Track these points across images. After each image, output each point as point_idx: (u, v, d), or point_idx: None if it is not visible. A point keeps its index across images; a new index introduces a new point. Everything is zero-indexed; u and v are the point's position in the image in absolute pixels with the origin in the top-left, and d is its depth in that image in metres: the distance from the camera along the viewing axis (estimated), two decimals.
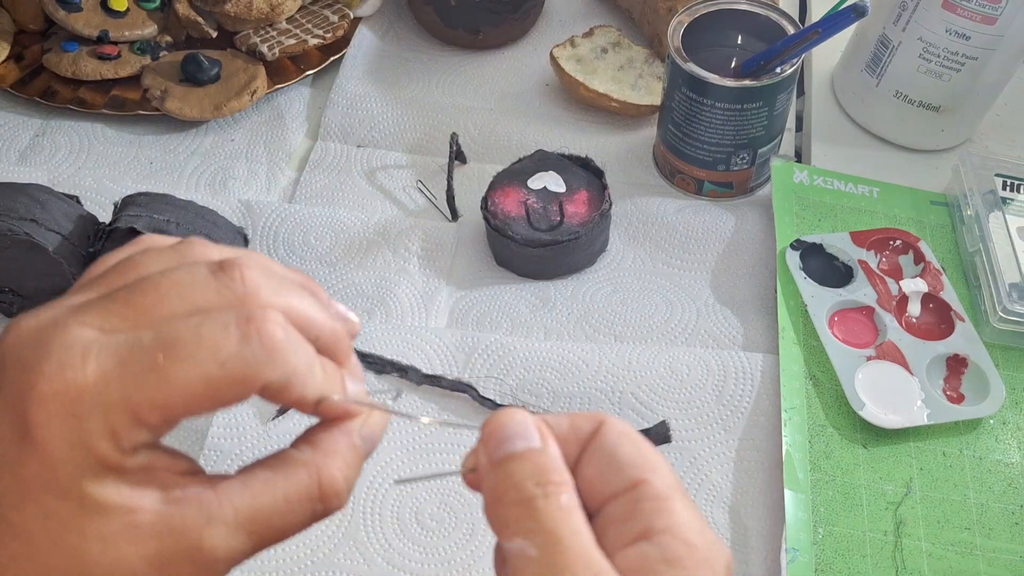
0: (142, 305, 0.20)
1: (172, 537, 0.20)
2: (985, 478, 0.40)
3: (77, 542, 0.19)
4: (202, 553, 0.20)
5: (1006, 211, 0.47)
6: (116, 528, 0.19)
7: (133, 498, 0.19)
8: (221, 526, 0.20)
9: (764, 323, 0.46)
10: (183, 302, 0.20)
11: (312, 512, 0.22)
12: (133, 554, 0.19)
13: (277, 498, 0.21)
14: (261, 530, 0.21)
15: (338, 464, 0.22)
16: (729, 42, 0.51)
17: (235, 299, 0.20)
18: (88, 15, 0.57)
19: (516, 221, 0.47)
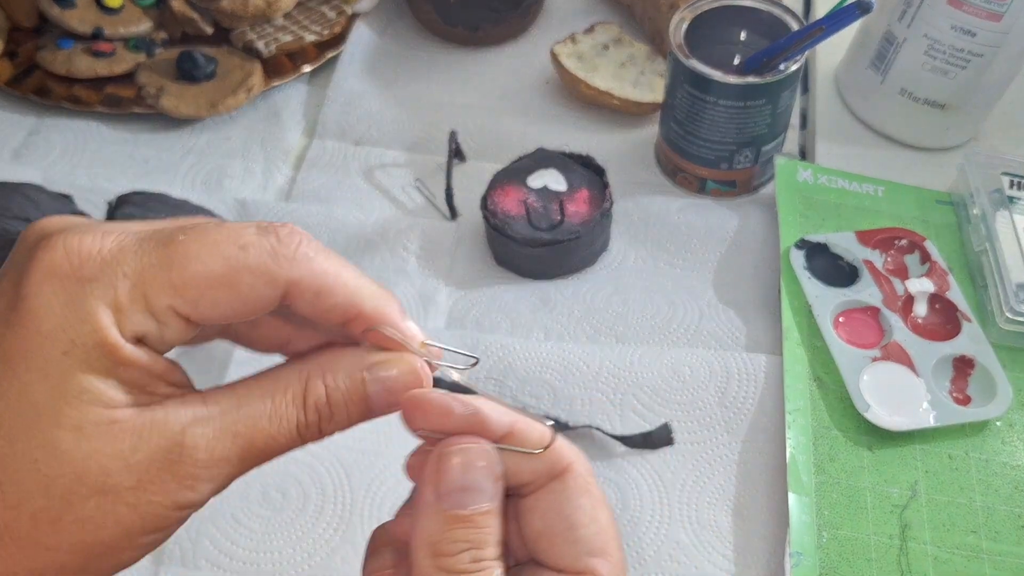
0: (182, 220, 0.19)
1: (152, 434, 0.18)
2: (992, 481, 0.40)
3: (50, 428, 0.17)
4: (183, 452, 0.18)
5: (1013, 210, 0.47)
6: (94, 420, 0.18)
7: (118, 392, 0.18)
8: (205, 427, 0.19)
9: (768, 323, 0.45)
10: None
11: (297, 424, 0.20)
12: (108, 450, 0.18)
13: (264, 402, 0.20)
14: (248, 434, 0.19)
15: (328, 380, 0.20)
16: (732, 39, 0.50)
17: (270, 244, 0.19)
18: (82, 12, 0.57)
19: (516, 220, 0.46)
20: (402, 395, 0.21)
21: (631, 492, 0.40)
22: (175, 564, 0.37)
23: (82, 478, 0.18)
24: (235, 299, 0.18)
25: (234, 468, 0.19)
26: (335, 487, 0.40)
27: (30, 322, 0.17)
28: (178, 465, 0.18)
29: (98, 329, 0.17)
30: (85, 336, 0.17)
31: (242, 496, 0.39)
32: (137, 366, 0.18)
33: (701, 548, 0.38)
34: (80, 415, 0.18)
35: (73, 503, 0.18)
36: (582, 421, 0.41)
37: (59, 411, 0.17)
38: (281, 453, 0.20)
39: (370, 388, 0.21)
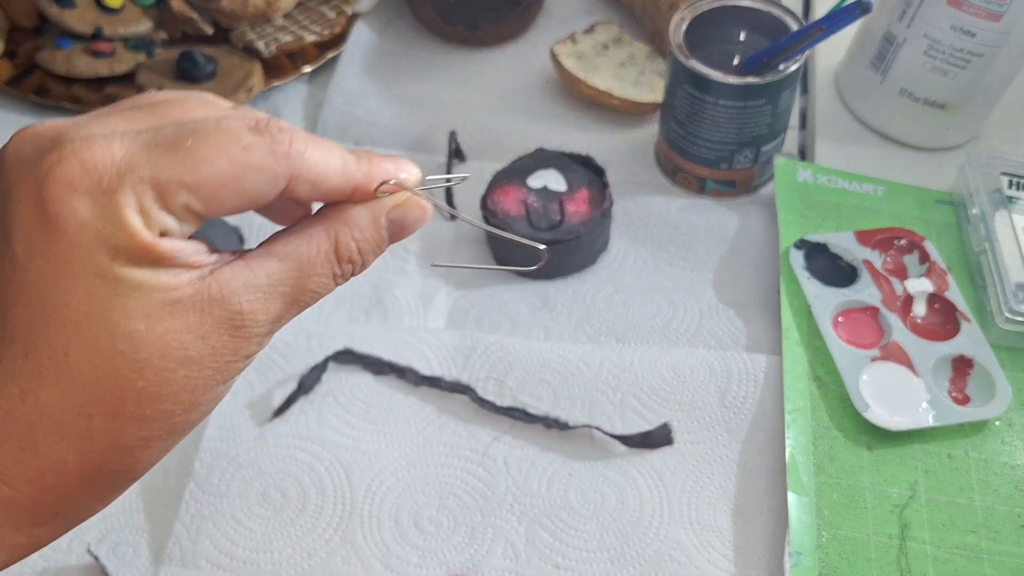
0: (167, 113, 0.21)
1: (213, 306, 0.20)
2: (991, 481, 0.40)
3: (122, 321, 0.19)
4: (244, 319, 0.21)
5: (1012, 210, 0.47)
6: (157, 304, 0.20)
7: (167, 276, 0.20)
8: (257, 291, 0.21)
9: (767, 324, 0.46)
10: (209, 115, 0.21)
11: (333, 274, 0.23)
12: (180, 326, 0.20)
13: (303, 262, 0.22)
14: (293, 293, 0.22)
15: (354, 233, 0.23)
16: (732, 39, 0.50)
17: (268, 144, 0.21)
18: (82, 11, 0.56)
19: (516, 220, 0.46)
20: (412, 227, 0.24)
21: (631, 492, 0.40)
22: (175, 564, 0.37)
23: (166, 355, 0.20)
24: (241, 195, 0.21)
25: (283, 319, 0.22)
26: (335, 487, 0.40)
27: (68, 238, 0.19)
28: (241, 328, 0.21)
29: (134, 234, 0.19)
30: (125, 241, 0.19)
31: (242, 496, 0.39)
32: (174, 256, 0.20)
33: (701, 548, 0.38)
34: (145, 303, 0.20)
35: (166, 377, 0.20)
36: (582, 421, 0.41)
37: (125, 305, 0.19)
38: (320, 298, 0.23)
39: (388, 230, 0.24)
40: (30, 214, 0.19)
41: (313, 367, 0.43)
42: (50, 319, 0.19)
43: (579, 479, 0.40)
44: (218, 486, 0.39)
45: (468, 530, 0.39)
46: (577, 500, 0.39)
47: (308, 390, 0.42)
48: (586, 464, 0.40)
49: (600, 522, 0.39)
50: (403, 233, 0.24)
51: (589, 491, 0.40)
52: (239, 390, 0.42)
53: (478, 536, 0.38)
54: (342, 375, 0.43)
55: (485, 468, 0.40)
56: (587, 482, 0.40)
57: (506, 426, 0.42)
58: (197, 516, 0.39)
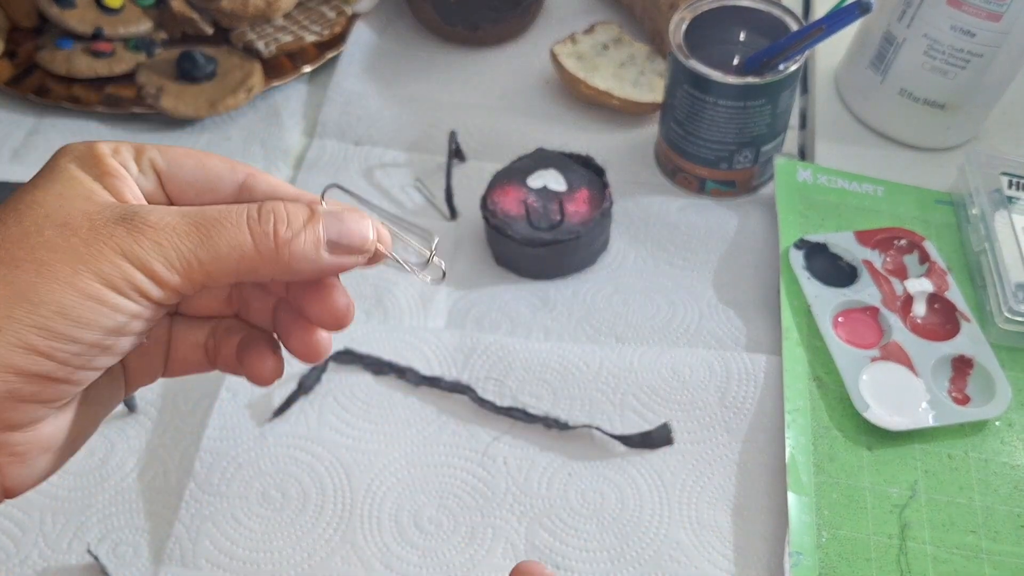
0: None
1: (116, 207, 0.22)
2: (991, 481, 0.40)
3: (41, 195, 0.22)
4: (136, 214, 0.22)
5: (1012, 210, 0.47)
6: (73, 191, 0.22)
7: (100, 189, 0.22)
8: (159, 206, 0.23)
9: (767, 324, 0.46)
10: None
11: (248, 220, 0.22)
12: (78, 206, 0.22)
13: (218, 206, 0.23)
14: (197, 216, 0.22)
15: (279, 203, 0.23)
16: (732, 39, 0.50)
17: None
18: (82, 12, 0.56)
19: (516, 220, 0.46)
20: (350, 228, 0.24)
21: (631, 492, 0.40)
22: (175, 564, 0.37)
23: (49, 215, 0.21)
24: (201, 169, 0.24)
25: (183, 242, 0.22)
26: (335, 487, 0.40)
27: (57, 156, 0.23)
28: (129, 221, 0.21)
29: (93, 146, 0.23)
30: (86, 152, 0.23)
31: (242, 496, 0.39)
32: (117, 175, 0.23)
33: (701, 548, 0.38)
34: (65, 188, 0.22)
35: (36, 230, 0.21)
36: (582, 421, 0.41)
37: (50, 187, 0.22)
38: (236, 252, 0.22)
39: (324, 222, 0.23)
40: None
41: (313, 367, 0.43)
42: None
43: (579, 479, 0.40)
44: (218, 486, 0.39)
45: (468, 530, 0.39)
46: (577, 500, 0.39)
47: (308, 390, 0.42)
48: (586, 464, 0.40)
49: (600, 522, 0.39)
50: (341, 228, 0.24)
51: (589, 491, 0.40)
52: (239, 390, 0.42)
53: (478, 536, 0.38)
54: (342, 375, 0.43)
55: (485, 468, 0.40)
56: (587, 482, 0.40)
57: (506, 426, 0.42)
58: (197, 516, 0.39)
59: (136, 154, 0.24)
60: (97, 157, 0.23)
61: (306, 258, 0.23)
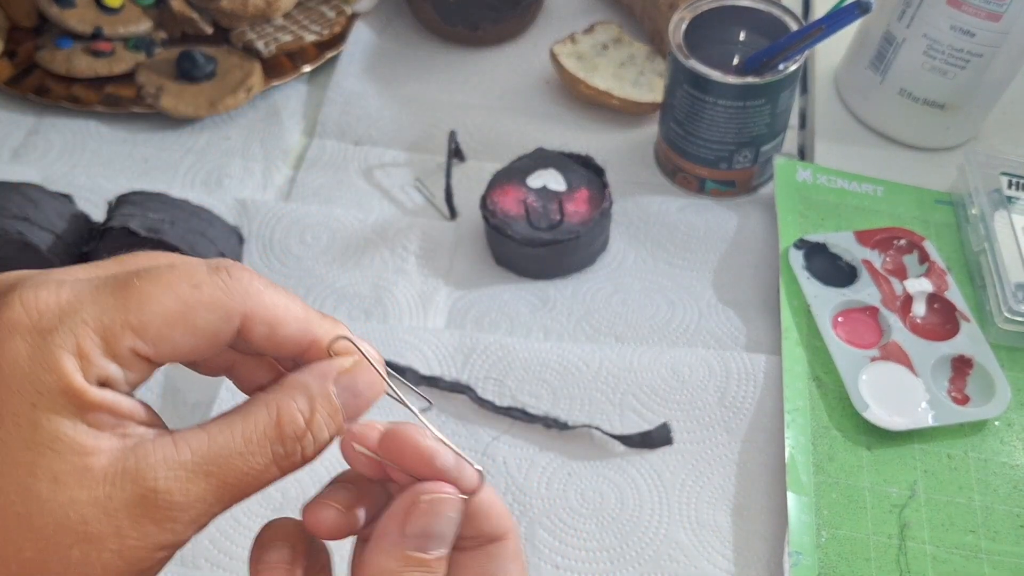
0: (131, 263, 0.20)
1: (125, 481, 0.18)
2: (990, 480, 0.40)
3: (26, 478, 0.18)
4: (157, 497, 0.19)
5: (1012, 210, 0.47)
6: (68, 468, 0.18)
7: (89, 437, 0.18)
8: (178, 470, 0.19)
9: (767, 323, 0.46)
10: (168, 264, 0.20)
11: (273, 455, 0.20)
12: (84, 498, 0.18)
13: (236, 438, 0.20)
14: (222, 474, 0.19)
15: (300, 403, 0.21)
16: (731, 39, 0.50)
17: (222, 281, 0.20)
18: (82, 11, 0.56)
19: (515, 220, 0.46)
20: (366, 396, 0.22)
21: (630, 492, 0.40)
22: (174, 563, 0.37)
23: (63, 526, 0.18)
24: (192, 336, 0.19)
25: (212, 507, 0.20)
26: None
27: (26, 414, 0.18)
28: (155, 510, 0.19)
29: (62, 376, 0.18)
30: (51, 385, 0.18)
31: None
32: (104, 408, 0.18)
33: (700, 548, 0.38)
34: (54, 464, 0.18)
35: (59, 552, 0.18)
36: (581, 421, 0.41)
37: (34, 462, 0.18)
38: (262, 486, 0.20)
39: (340, 398, 0.21)
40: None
41: None
42: None
43: (579, 479, 0.40)
44: None
45: None
46: (577, 500, 0.39)
47: None
48: (586, 464, 0.40)
49: (600, 522, 0.39)
50: (356, 402, 0.22)
51: (589, 491, 0.40)
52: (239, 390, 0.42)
53: None
54: None
55: (485, 468, 0.40)
56: (587, 482, 0.40)
57: (506, 426, 0.42)
58: None
59: (111, 350, 0.18)
60: (74, 395, 0.18)
61: (321, 451, 0.22)
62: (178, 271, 0.19)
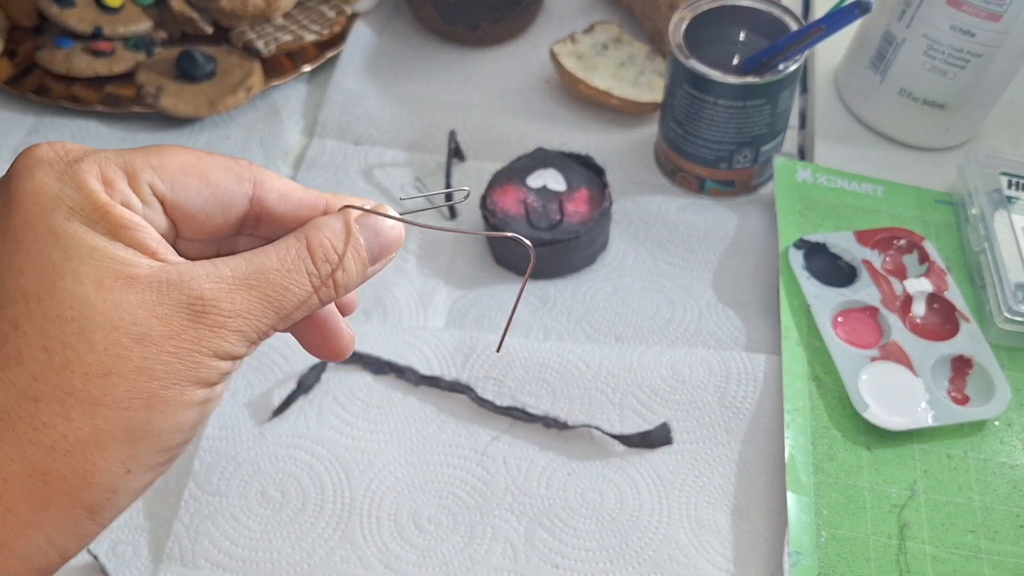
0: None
1: (171, 288, 0.19)
2: (990, 480, 0.40)
3: (72, 285, 0.18)
4: (204, 304, 0.19)
5: (1011, 210, 0.47)
6: (111, 274, 0.18)
7: (124, 251, 0.19)
8: (220, 282, 0.20)
9: (767, 323, 0.46)
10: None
11: (308, 276, 0.21)
12: (133, 301, 0.18)
13: (271, 259, 0.21)
14: (263, 287, 0.20)
15: (328, 234, 0.22)
16: (731, 38, 0.50)
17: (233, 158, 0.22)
18: (82, 11, 0.56)
19: (515, 220, 0.46)
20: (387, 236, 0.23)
21: (630, 492, 0.40)
22: (175, 563, 0.37)
23: (118, 328, 0.18)
24: (207, 188, 0.21)
25: (259, 320, 0.20)
26: (334, 486, 0.40)
27: (28, 198, 0.18)
28: (204, 315, 0.19)
29: (91, 193, 0.19)
30: (82, 201, 0.19)
31: (241, 495, 0.39)
32: (133, 226, 0.19)
33: (700, 547, 0.38)
34: (97, 271, 0.18)
35: (117, 353, 0.18)
36: (581, 420, 0.41)
37: (77, 270, 0.18)
38: (304, 307, 0.21)
39: (363, 235, 0.22)
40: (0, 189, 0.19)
41: (312, 366, 0.43)
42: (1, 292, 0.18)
43: (578, 479, 0.40)
44: (217, 485, 0.39)
45: (467, 529, 0.39)
46: (576, 500, 0.39)
47: (308, 389, 0.42)
48: (585, 464, 0.40)
49: (599, 521, 0.39)
50: (380, 241, 0.23)
51: (588, 491, 0.40)
52: (239, 389, 0.42)
53: (477, 535, 0.38)
54: (341, 374, 0.43)
55: (484, 467, 0.40)
56: (586, 482, 0.40)
57: (505, 425, 0.42)
58: (197, 515, 0.39)
59: (129, 179, 0.20)
60: (104, 211, 0.19)
61: (354, 285, 0.23)
62: (196, 149, 0.21)
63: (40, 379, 0.18)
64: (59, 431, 0.18)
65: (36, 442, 0.18)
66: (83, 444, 0.18)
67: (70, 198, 0.19)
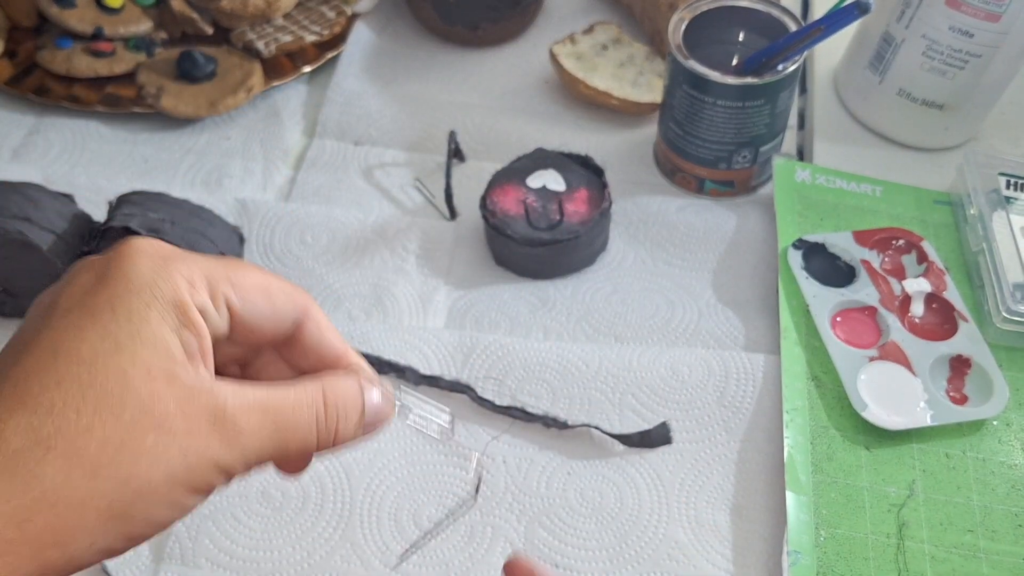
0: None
1: (201, 393, 0.21)
2: (988, 480, 0.40)
3: (126, 364, 0.20)
4: (225, 415, 0.21)
5: (1010, 210, 0.47)
6: (161, 365, 0.20)
7: (180, 349, 0.21)
8: (242, 399, 0.22)
9: (766, 323, 0.46)
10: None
11: (316, 419, 0.23)
12: (169, 395, 0.20)
13: (288, 395, 0.23)
14: (276, 415, 0.22)
15: (341, 390, 0.24)
16: (731, 39, 0.50)
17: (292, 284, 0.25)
18: (82, 11, 0.57)
19: (515, 220, 0.46)
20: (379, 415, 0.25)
21: (629, 491, 0.40)
22: (175, 562, 0.37)
23: (146, 412, 0.20)
24: (269, 302, 0.23)
25: (265, 444, 0.22)
26: (334, 486, 0.40)
27: (122, 278, 0.21)
28: (222, 425, 0.21)
29: (177, 290, 0.21)
30: (167, 293, 0.21)
31: (242, 495, 0.39)
32: (199, 331, 0.21)
33: (699, 547, 0.38)
34: (151, 358, 0.20)
35: (135, 433, 0.20)
36: (581, 420, 0.41)
37: (135, 352, 0.20)
38: (304, 446, 0.23)
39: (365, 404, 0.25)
40: (89, 276, 0.21)
41: None
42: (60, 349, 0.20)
43: (578, 478, 0.40)
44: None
45: (467, 529, 0.39)
46: (576, 499, 0.39)
47: None
48: (585, 463, 0.41)
49: (599, 521, 0.39)
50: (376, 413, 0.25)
51: (588, 490, 0.40)
52: None
53: (477, 535, 0.39)
54: None
55: (484, 467, 0.40)
56: (586, 481, 0.40)
57: (505, 425, 0.42)
58: (197, 515, 0.39)
59: (211, 291, 0.22)
60: (182, 308, 0.21)
61: (347, 443, 0.25)
62: (261, 268, 0.24)
63: (60, 433, 0.19)
64: (55, 485, 0.19)
65: (30, 489, 0.19)
66: (69, 505, 0.19)
67: (158, 288, 0.21)
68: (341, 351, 0.25)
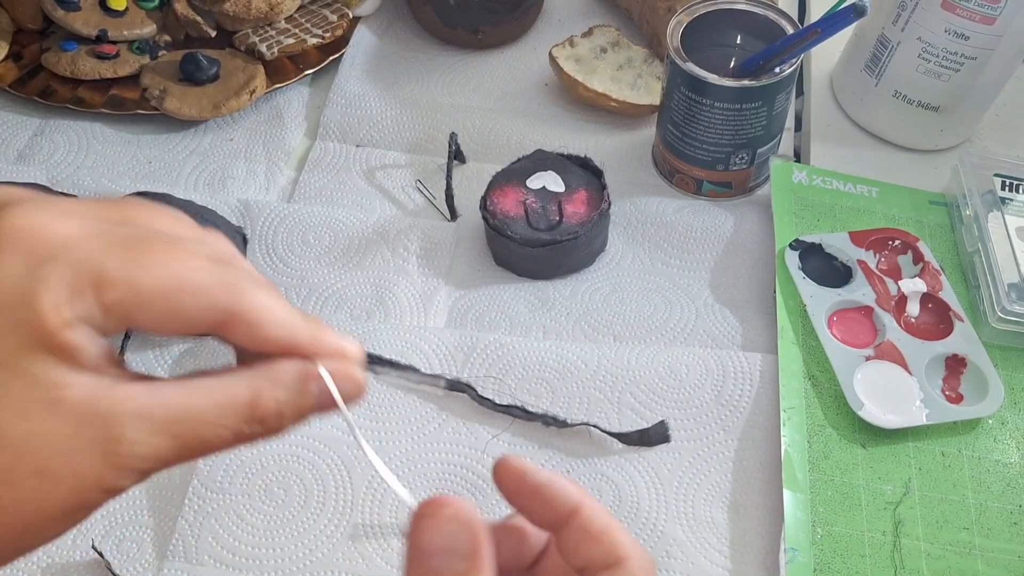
0: (137, 215, 0.20)
1: (93, 423, 0.18)
2: (984, 478, 0.40)
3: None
4: (119, 447, 0.18)
5: (1005, 211, 0.47)
6: (37, 401, 0.18)
7: (61, 373, 0.18)
8: (146, 422, 0.19)
9: (763, 323, 0.46)
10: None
11: (238, 432, 0.20)
12: (49, 433, 0.18)
13: (209, 405, 0.20)
14: (187, 437, 0.19)
15: (278, 395, 0.21)
16: (728, 42, 0.51)
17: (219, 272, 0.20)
18: (87, 14, 0.57)
19: (515, 221, 0.47)
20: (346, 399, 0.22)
21: (628, 489, 0.40)
22: (178, 560, 0.38)
23: (22, 458, 0.18)
24: (174, 312, 0.19)
25: (165, 464, 0.20)
26: (336, 483, 0.40)
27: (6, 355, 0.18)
28: (116, 457, 0.19)
29: (41, 314, 0.18)
30: (31, 319, 0.18)
31: (245, 492, 0.40)
32: (76, 350, 0.18)
33: (697, 545, 0.39)
34: (23, 395, 0.18)
35: (13, 482, 0.18)
36: (580, 419, 0.42)
37: (5, 392, 0.18)
38: (208, 452, 0.21)
39: (317, 399, 0.22)
40: None
41: None
42: None
43: (577, 476, 0.40)
44: (221, 482, 0.40)
45: None
46: None
47: None
48: (584, 461, 0.41)
49: None
50: (332, 404, 0.22)
51: (587, 488, 0.40)
52: None
53: None
54: None
55: (484, 466, 0.41)
56: (585, 479, 0.40)
57: (505, 424, 0.42)
58: (200, 512, 0.39)
59: (99, 297, 0.18)
60: (48, 335, 0.18)
61: (294, 425, 0.22)
62: (180, 248, 0.19)
63: None
64: None
65: None
66: None
67: (22, 310, 0.18)
68: (288, 345, 0.21)
